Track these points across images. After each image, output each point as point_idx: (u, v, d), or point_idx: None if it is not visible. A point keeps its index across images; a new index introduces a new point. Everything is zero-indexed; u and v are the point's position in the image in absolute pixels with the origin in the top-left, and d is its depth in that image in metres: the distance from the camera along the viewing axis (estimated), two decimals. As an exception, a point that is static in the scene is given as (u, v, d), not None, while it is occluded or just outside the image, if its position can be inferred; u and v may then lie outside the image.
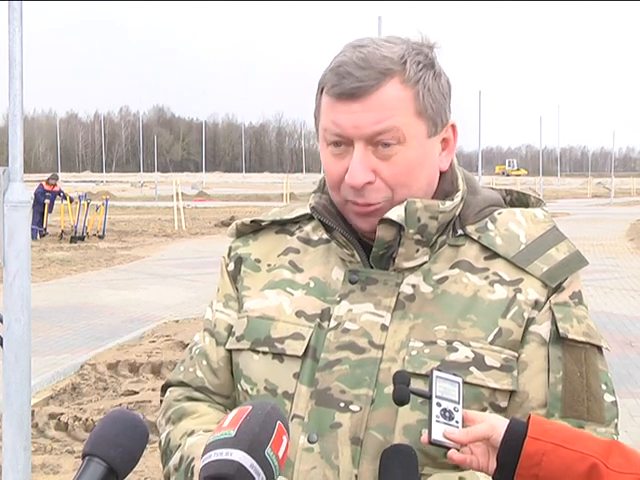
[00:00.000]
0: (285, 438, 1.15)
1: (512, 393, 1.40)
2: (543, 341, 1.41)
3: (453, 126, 1.47)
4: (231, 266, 1.60)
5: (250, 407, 1.16)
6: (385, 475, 1.31)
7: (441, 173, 1.48)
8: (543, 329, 1.41)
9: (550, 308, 1.41)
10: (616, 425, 1.42)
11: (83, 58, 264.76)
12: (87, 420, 6.34)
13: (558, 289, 1.43)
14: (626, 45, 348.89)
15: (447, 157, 1.48)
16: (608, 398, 1.41)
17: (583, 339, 1.41)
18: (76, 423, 6.32)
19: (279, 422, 1.15)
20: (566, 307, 1.42)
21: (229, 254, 1.61)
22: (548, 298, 1.42)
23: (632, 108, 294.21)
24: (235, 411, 1.17)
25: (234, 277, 1.58)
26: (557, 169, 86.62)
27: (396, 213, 1.40)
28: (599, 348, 1.43)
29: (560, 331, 1.40)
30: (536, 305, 1.41)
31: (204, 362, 1.56)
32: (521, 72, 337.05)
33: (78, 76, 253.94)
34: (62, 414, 6.47)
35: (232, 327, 1.55)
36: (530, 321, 1.41)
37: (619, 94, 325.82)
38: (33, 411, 5.81)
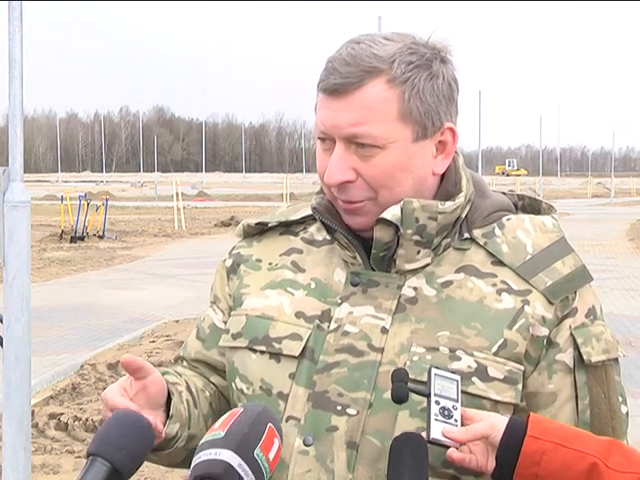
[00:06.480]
0: (277, 441, 1.15)
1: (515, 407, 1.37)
2: (568, 369, 1.39)
3: (452, 129, 1.42)
4: (229, 262, 1.59)
5: (242, 409, 1.16)
6: (395, 463, 1.28)
7: (444, 174, 1.45)
8: (567, 357, 1.39)
9: (571, 334, 1.39)
10: (626, 431, 1.42)
11: (83, 58, 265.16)
12: (87, 420, 6.34)
13: (570, 312, 1.40)
14: (626, 45, 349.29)
15: (443, 161, 1.43)
16: (623, 410, 1.41)
17: (604, 358, 1.40)
18: (76, 423, 6.32)
19: (270, 424, 1.15)
20: (584, 328, 1.40)
21: (231, 251, 1.61)
22: (557, 316, 1.39)
23: (632, 108, 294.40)
24: (227, 414, 1.17)
25: (228, 274, 1.58)
26: (557, 169, 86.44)
27: (391, 213, 1.37)
28: (616, 358, 1.42)
29: (584, 357, 1.38)
30: (544, 322, 1.38)
31: (182, 353, 1.63)
32: (521, 72, 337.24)
33: (78, 76, 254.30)
34: (62, 414, 6.47)
35: (215, 325, 1.57)
36: (541, 341, 1.38)
37: (619, 94, 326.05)
38: (33, 411, 5.80)
